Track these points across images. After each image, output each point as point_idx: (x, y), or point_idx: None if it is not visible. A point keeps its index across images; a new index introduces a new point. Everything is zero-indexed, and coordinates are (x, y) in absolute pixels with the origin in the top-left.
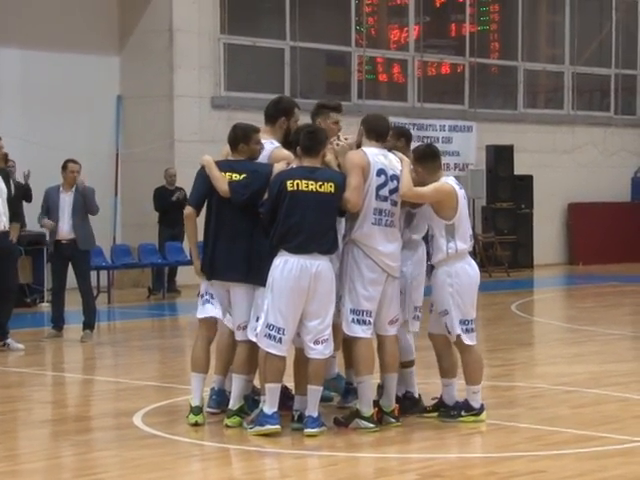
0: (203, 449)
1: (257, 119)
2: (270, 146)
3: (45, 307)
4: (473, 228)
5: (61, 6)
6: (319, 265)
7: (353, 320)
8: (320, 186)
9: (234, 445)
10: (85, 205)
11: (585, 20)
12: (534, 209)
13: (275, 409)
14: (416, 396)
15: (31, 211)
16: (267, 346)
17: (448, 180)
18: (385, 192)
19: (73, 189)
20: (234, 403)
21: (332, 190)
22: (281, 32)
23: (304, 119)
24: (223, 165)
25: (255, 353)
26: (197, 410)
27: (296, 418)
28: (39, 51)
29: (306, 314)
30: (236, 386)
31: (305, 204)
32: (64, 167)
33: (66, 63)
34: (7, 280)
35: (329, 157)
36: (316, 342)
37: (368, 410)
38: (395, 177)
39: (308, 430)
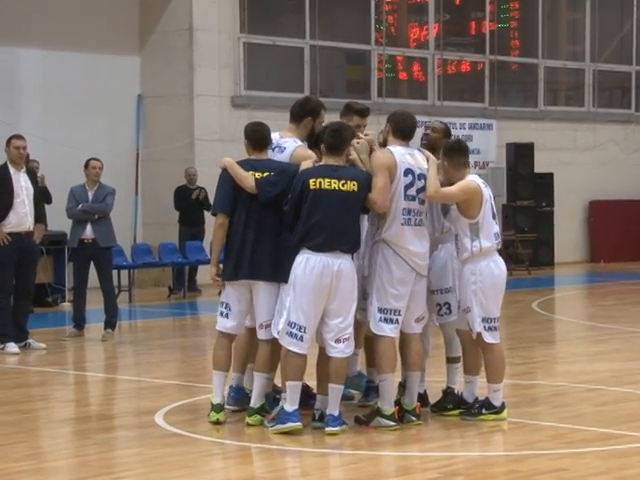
0: (224, 447)
1: (277, 118)
2: (293, 144)
3: (66, 306)
4: None
5: (82, 6)
6: (341, 263)
7: (380, 319)
8: (343, 184)
9: (255, 444)
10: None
11: (606, 17)
12: (555, 207)
13: (296, 407)
14: (456, 392)
15: (50, 212)
16: (289, 344)
17: (474, 178)
18: (413, 192)
19: (96, 187)
20: (255, 401)
21: (355, 189)
22: (301, 31)
23: (326, 118)
24: (246, 165)
25: (276, 351)
26: (218, 408)
27: (317, 417)
28: (60, 51)
29: (327, 312)
30: (257, 384)
31: (328, 202)
32: (86, 165)
33: (87, 63)
34: (27, 280)
35: (354, 155)
36: (337, 341)
37: (389, 408)
38: (422, 176)
39: (329, 429)
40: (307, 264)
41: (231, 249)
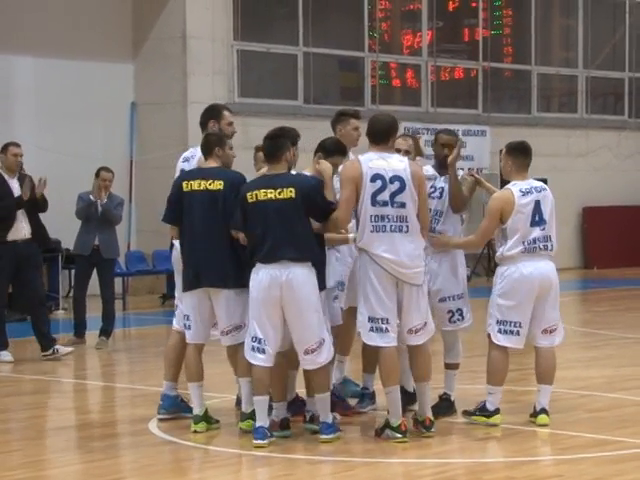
0: (219, 455)
1: (271, 125)
2: (198, 153)
3: (60, 314)
4: None
5: (75, 14)
6: (289, 273)
7: (371, 329)
8: (279, 193)
9: (249, 451)
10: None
11: (598, 23)
12: None
13: (262, 423)
14: (452, 399)
15: (44, 220)
16: (252, 357)
17: (513, 187)
18: (384, 197)
19: (106, 196)
20: (246, 407)
21: (292, 195)
22: (294, 38)
23: (315, 124)
24: (195, 172)
25: None
26: (197, 419)
27: (308, 419)
28: (53, 59)
29: (288, 323)
30: (244, 390)
31: (265, 213)
32: (97, 174)
33: (80, 70)
34: (36, 288)
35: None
36: (305, 352)
37: (396, 420)
38: (397, 178)
39: (323, 436)
40: (256, 277)
41: (186, 259)
